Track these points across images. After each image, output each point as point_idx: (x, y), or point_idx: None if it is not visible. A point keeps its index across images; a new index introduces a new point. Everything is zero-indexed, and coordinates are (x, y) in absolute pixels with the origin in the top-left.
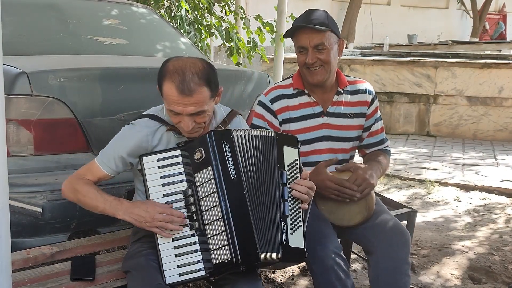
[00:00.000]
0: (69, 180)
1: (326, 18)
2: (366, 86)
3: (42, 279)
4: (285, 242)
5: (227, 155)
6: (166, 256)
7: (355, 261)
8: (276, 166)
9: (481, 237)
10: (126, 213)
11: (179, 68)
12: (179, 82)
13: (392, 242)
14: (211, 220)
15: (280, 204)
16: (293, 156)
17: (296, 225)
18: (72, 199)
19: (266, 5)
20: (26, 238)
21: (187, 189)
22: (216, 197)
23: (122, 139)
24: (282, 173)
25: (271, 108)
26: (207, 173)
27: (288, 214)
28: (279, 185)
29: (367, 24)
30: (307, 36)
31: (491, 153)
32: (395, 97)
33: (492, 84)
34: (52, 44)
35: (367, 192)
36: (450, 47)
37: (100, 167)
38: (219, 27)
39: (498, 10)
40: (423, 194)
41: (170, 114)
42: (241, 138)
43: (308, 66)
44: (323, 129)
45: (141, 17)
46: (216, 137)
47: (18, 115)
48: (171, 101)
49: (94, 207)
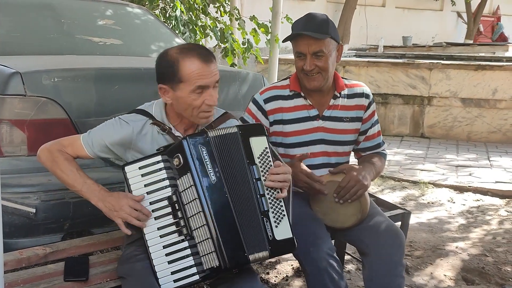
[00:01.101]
0: (48, 149)
1: (327, 24)
2: (363, 89)
3: (35, 280)
4: (271, 238)
5: (205, 159)
6: (159, 264)
7: (349, 262)
8: (246, 162)
9: (475, 239)
10: (100, 199)
11: (187, 46)
12: (198, 54)
13: (386, 244)
14: (197, 226)
15: (258, 200)
16: (262, 145)
17: (279, 217)
18: (47, 166)
19: (261, 6)
20: (19, 238)
21: (171, 195)
22: (198, 203)
23: (110, 129)
24: (253, 168)
25: (263, 108)
26: (188, 179)
27: (268, 208)
28: (253, 181)
29: (362, 26)
30: (306, 42)
31: (484, 154)
32: (390, 98)
33: (486, 86)
34: (47, 44)
35: (360, 193)
36: (445, 49)
37: (83, 146)
38: (214, 28)
39: (492, 12)
40: (417, 195)
41: (195, 95)
42: (217, 139)
43: (305, 72)
44: (318, 133)
45: (135, 18)
46: (192, 142)
47: (11, 115)
48: (197, 76)
49: (70, 186)
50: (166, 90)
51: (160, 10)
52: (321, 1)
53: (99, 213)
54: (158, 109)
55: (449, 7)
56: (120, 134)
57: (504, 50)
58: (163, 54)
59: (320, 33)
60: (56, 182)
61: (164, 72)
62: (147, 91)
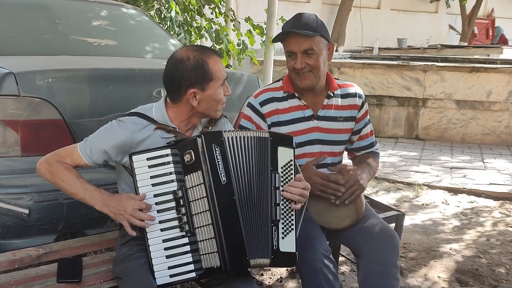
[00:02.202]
0: (47, 160)
1: (316, 22)
2: (356, 89)
3: (28, 281)
4: (276, 248)
5: (217, 159)
6: (157, 257)
7: (343, 263)
8: (270, 169)
9: (469, 240)
10: (104, 204)
11: (200, 47)
12: (214, 52)
13: (381, 246)
14: (201, 225)
15: (271, 208)
16: (288, 157)
17: (288, 229)
18: (48, 179)
19: (256, 7)
20: (12, 239)
21: (177, 190)
22: (205, 202)
23: (109, 134)
24: (275, 176)
25: (260, 111)
26: (197, 177)
27: (280, 218)
28: (272, 188)
29: (357, 28)
30: (296, 41)
31: (479, 156)
32: (384, 100)
33: (480, 88)
34: (41, 44)
35: (357, 194)
36: (439, 51)
37: (81, 155)
38: (209, 29)
39: (487, 15)
40: (412, 197)
41: (220, 90)
42: (233, 140)
43: (297, 71)
44: (313, 133)
45: (130, 19)
46: (206, 140)
47: (5, 116)
48: (221, 71)
49: (73, 194)
50: (195, 93)
51: (155, 11)
52: (316, 3)
53: (93, 214)
54: (159, 111)
55: (444, 10)
56: (120, 137)
57: (499, 53)
58: (181, 59)
59: (309, 30)
60: (49, 183)
61: (192, 75)
62: (141, 91)
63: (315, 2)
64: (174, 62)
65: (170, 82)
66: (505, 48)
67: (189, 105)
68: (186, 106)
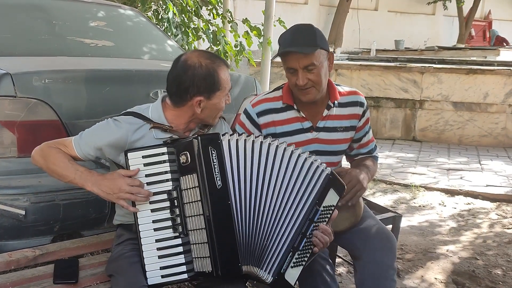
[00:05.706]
0: (40, 148)
1: (314, 35)
2: (358, 98)
3: (24, 282)
4: (283, 271)
5: (213, 162)
6: (149, 257)
7: (340, 265)
8: (315, 201)
9: (465, 242)
10: (95, 184)
11: (211, 55)
12: (223, 62)
13: (378, 248)
14: (194, 228)
15: (298, 235)
16: (333, 201)
17: (300, 262)
18: (41, 165)
19: (254, 9)
20: (9, 240)
21: (172, 191)
22: (200, 206)
23: (104, 132)
24: (317, 210)
25: (257, 122)
26: (192, 180)
27: (300, 249)
28: (308, 218)
29: (355, 29)
30: (295, 58)
31: (476, 158)
32: (382, 102)
33: (477, 90)
34: (38, 45)
35: (359, 195)
36: (437, 53)
37: (74, 149)
38: (207, 30)
39: (484, 17)
40: (408, 198)
41: (223, 99)
42: (231, 144)
43: (299, 87)
44: (312, 144)
45: (127, 19)
46: (203, 143)
47: (1, 117)
48: (228, 82)
49: (64, 176)
50: (201, 101)
51: (153, 12)
52: (313, 5)
53: (89, 215)
54: (155, 112)
55: (441, 11)
56: (114, 135)
57: (496, 55)
58: (193, 66)
59: (308, 46)
60: (46, 184)
61: (202, 84)
62: (139, 93)
63: (313, 4)
64: (185, 67)
65: (177, 86)
66: (502, 50)
67: (192, 111)
68: (188, 111)
